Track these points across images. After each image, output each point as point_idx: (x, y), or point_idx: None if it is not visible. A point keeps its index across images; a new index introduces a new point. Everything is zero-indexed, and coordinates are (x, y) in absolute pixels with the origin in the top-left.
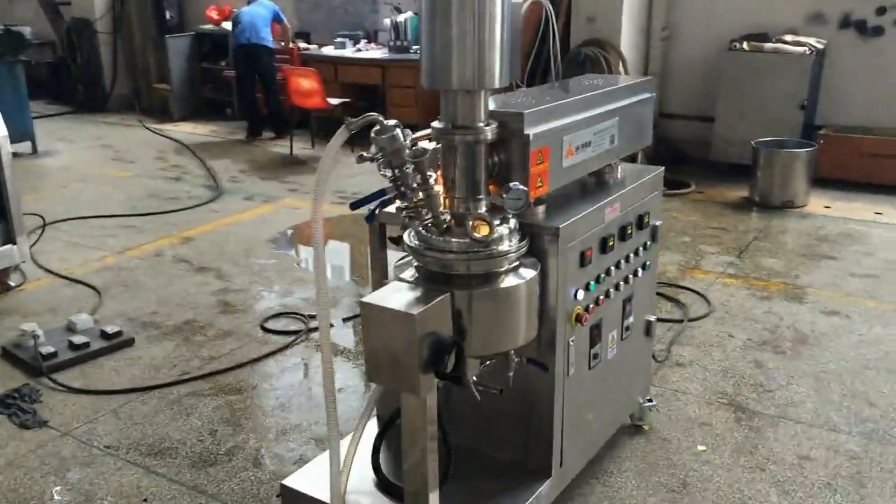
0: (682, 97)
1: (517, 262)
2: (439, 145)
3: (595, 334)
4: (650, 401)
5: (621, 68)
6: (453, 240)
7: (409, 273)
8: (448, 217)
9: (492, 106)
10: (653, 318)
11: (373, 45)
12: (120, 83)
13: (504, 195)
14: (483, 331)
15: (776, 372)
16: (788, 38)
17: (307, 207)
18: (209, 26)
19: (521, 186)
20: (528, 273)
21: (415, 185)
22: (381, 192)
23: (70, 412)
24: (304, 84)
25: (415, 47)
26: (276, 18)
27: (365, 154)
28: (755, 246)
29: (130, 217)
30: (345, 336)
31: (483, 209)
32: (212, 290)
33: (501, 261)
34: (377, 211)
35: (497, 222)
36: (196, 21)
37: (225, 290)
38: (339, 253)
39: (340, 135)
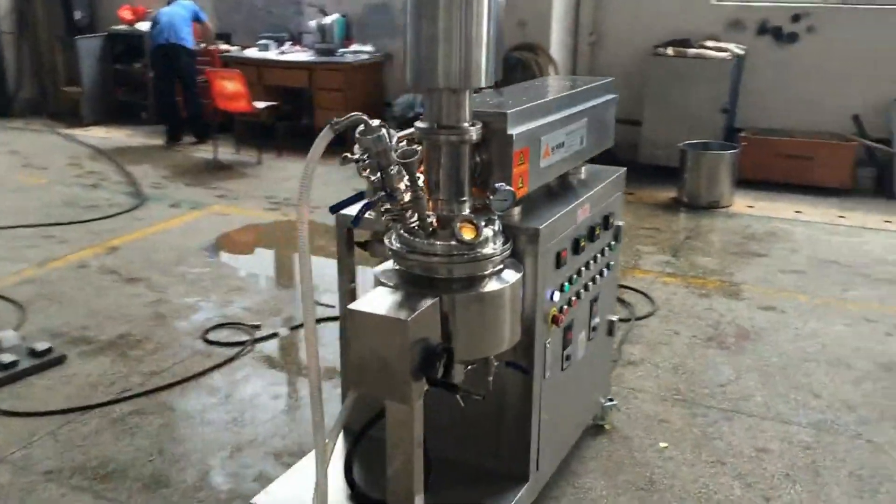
0: None
1: (501, 265)
2: (417, 146)
3: (567, 335)
4: (611, 400)
5: (551, 72)
6: (441, 243)
7: (390, 277)
8: (434, 220)
9: None
10: (615, 318)
11: (297, 47)
12: (25, 86)
13: (491, 196)
14: (469, 335)
15: (723, 367)
16: (710, 43)
17: (237, 214)
18: (122, 26)
19: (508, 187)
20: (513, 276)
21: (402, 186)
22: (361, 195)
23: (2, 436)
24: (229, 87)
25: (341, 50)
26: (196, 18)
27: (349, 155)
28: (688, 245)
29: (49, 226)
30: (294, 346)
31: (467, 211)
32: (145, 301)
33: (488, 264)
34: (363, 214)
35: (482, 224)
36: (108, 21)
37: (159, 302)
38: (274, 260)
39: (325, 136)
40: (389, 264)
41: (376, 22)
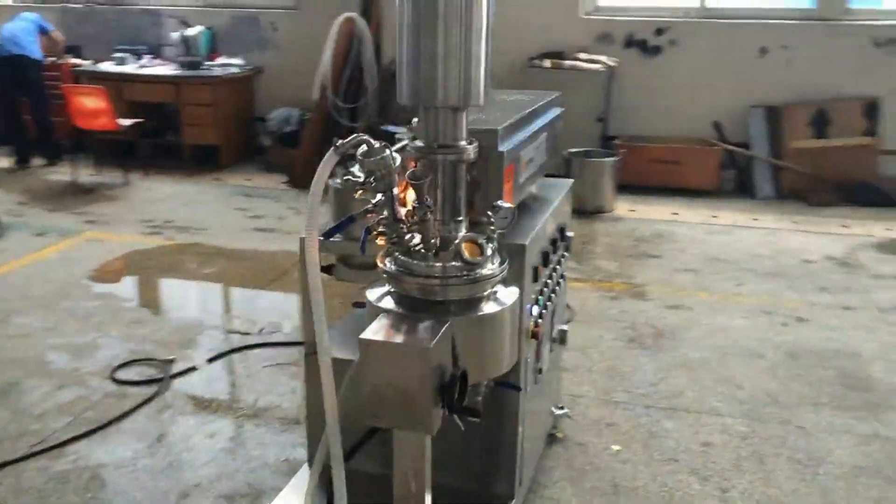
0: None
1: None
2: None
3: (539, 349)
4: (562, 408)
5: None
6: (445, 264)
7: (387, 302)
8: (438, 241)
9: None
10: (566, 328)
11: (158, 60)
12: None
13: (492, 215)
14: (475, 358)
15: (650, 367)
16: (583, 56)
17: (115, 240)
18: None
19: (508, 205)
20: (512, 294)
21: (406, 208)
22: (352, 219)
23: None
24: (89, 104)
25: (208, 63)
26: (42, 30)
27: (352, 178)
28: (587, 250)
29: None
30: (216, 379)
31: (464, 230)
32: (32, 343)
33: (489, 284)
34: (366, 240)
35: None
36: None
37: (50, 342)
38: (171, 287)
39: (329, 160)
40: (381, 289)
41: (244, 34)
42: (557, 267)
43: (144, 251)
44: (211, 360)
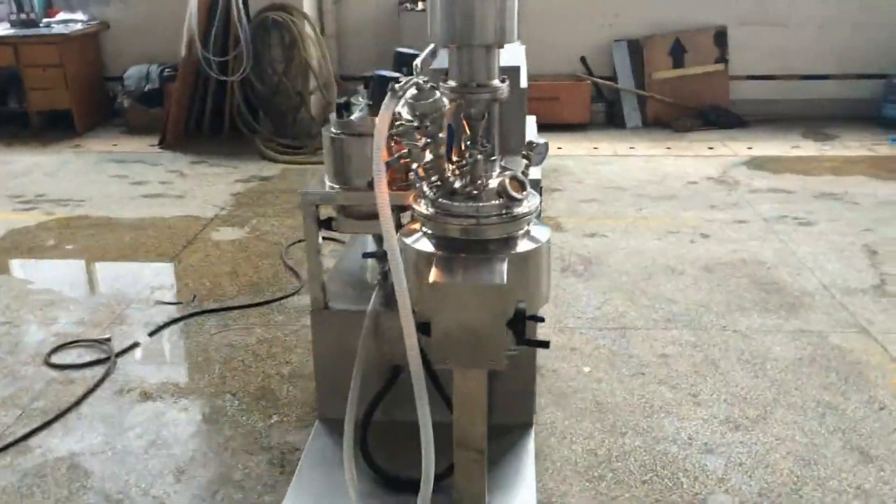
0: (359, 56)
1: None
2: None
3: None
4: None
5: (309, 30)
6: (490, 203)
7: (425, 245)
8: (484, 181)
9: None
10: None
11: None
12: None
13: (529, 151)
14: (522, 294)
15: (589, 292)
16: None
17: None
18: None
19: (543, 140)
20: (545, 230)
21: (461, 148)
22: (387, 164)
23: None
24: None
25: (47, 20)
26: None
27: (405, 122)
28: None
29: None
30: (168, 350)
31: (498, 169)
32: None
33: (525, 221)
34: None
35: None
36: None
37: None
38: (73, 264)
39: (389, 105)
40: (414, 234)
41: None
42: None
43: (25, 229)
44: (152, 334)
